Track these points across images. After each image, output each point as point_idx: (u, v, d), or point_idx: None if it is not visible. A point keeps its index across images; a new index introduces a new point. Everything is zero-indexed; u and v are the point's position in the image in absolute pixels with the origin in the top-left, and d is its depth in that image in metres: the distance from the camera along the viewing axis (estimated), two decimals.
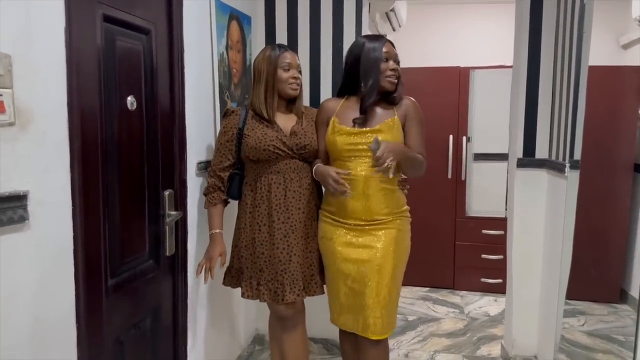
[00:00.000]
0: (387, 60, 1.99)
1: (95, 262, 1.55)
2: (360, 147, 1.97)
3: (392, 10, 3.51)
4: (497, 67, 4.05)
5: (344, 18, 2.76)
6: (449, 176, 4.05)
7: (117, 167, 1.67)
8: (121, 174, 1.69)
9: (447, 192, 4.07)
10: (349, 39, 2.75)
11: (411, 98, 2.07)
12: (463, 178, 4.06)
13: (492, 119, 4.03)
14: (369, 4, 2.97)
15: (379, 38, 2.05)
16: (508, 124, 4.10)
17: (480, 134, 4.07)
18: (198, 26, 2.16)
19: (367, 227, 2.00)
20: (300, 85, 2.12)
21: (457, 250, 4.12)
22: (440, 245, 4.12)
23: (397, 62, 2.04)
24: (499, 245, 3.95)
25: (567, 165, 2.30)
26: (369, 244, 1.99)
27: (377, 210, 1.98)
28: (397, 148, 1.89)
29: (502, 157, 4.02)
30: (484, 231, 4.06)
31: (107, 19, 1.59)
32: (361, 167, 1.97)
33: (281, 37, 2.83)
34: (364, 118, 2.00)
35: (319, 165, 2.05)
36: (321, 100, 2.76)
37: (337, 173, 1.94)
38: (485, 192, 4.12)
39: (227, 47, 2.38)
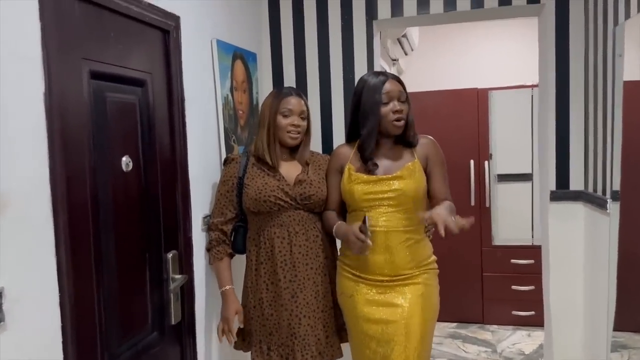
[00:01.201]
0: (387, 102, 1.81)
1: (90, 350, 1.37)
2: (381, 196, 1.80)
3: (404, 35, 3.35)
4: (517, 87, 3.87)
5: (354, 48, 2.60)
6: (472, 203, 3.84)
7: (113, 236, 1.50)
8: (117, 243, 1.52)
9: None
10: (360, 70, 2.59)
11: (429, 137, 1.91)
12: (487, 205, 3.84)
13: (514, 140, 3.85)
14: (380, 32, 2.81)
15: (379, 75, 1.86)
16: (530, 144, 3.99)
17: (502, 155, 3.87)
18: (199, 70, 2.01)
19: (391, 283, 1.81)
20: (303, 132, 1.96)
21: (485, 282, 3.89)
22: (468, 278, 3.88)
23: (404, 101, 1.84)
24: (530, 275, 3.73)
25: (609, 200, 2.09)
26: (394, 301, 1.79)
27: (401, 264, 1.79)
28: (445, 210, 1.68)
29: (525, 177, 3.85)
30: (512, 261, 3.82)
31: (95, 75, 1.44)
32: (382, 218, 1.78)
33: (289, 72, 2.67)
34: (374, 165, 1.84)
35: (340, 224, 1.87)
36: (334, 141, 2.62)
37: (361, 227, 1.73)
38: (511, 217, 3.90)
39: (231, 89, 2.23)
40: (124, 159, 1.55)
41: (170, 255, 1.77)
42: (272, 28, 2.67)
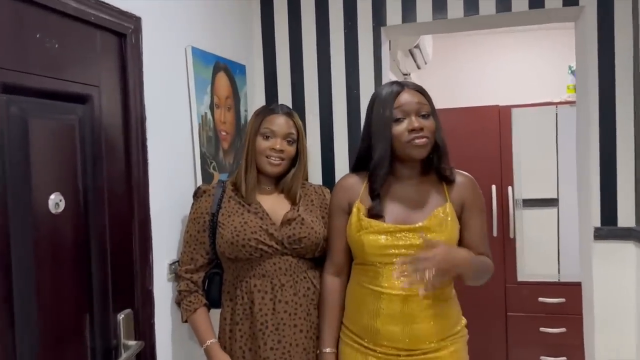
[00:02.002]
0: (401, 119, 1.39)
1: None
2: (399, 251, 1.38)
3: (417, 46, 2.99)
4: (544, 104, 3.48)
5: (359, 59, 2.24)
6: (495, 234, 3.42)
7: (34, 298, 1.14)
8: (41, 306, 1.15)
9: (494, 253, 3.38)
10: (366, 85, 2.23)
11: (467, 174, 1.49)
12: (512, 235, 3.42)
13: (539, 162, 3.45)
14: (389, 41, 2.46)
15: (393, 85, 1.45)
16: (555, 166, 3.61)
17: (527, 179, 3.47)
18: (168, 84, 1.66)
19: (409, 358, 1.40)
20: (288, 159, 1.59)
21: (509, 323, 3.44)
22: (490, 318, 3.44)
23: (426, 116, 1.41)
24: (560, 315, 3.30)
25: None
26: None
27: (424, 336, 1.39)
28: (451, 256, 1.30)
29: (550, 203, 3.45)
30: (540, 299, 3.38)
31: (10, 88, 1.09)
32: (400, 280, 1.38)
33: (283, 87, 2.32)
34: (378, 206, 1.42)
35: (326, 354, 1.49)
36: (336, 170, 2.24)
37: None
38: (537, 249, 3.47)
39: (211, 106, 1.88)
40: (52, 197, 1.19)
41: (122, 315, 1.40)
42: (265, 36, 2.33)
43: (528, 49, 4.11)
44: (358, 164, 1.52)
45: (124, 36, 1.45)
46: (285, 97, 2.31)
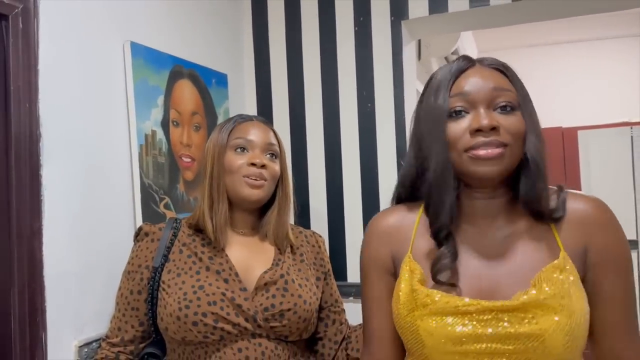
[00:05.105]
0: (462, 112, 0.80)
1: None
2: (485, 346, 0.76)
3: (455, 52, 2.44)
4: (618, 124, 2.91)
5: (374, 63, 1.72)
6: None
7: None
8: None
9: None
10: (384, 97, 1.72)
11: (590, 197, 0.85)
12: None
13: (614, 197, 2.80)
14: (418, 44, 1.93)
15: (458, 60, 0.87)
16: (633, 201, 2.96)
17: None
18: (88, 90, 1.21)
19: None
20: (272, 180, 1.12)
21: None
22: None
23: (509, 108, 0.80)
24: None
25: None
26: None
27: None
28: None
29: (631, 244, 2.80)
30: None
31: None
32: None
33: (280, 100, 1.83)
34: (449, 262, 0.79)
35: None
36: (345, 214, 1.71)
37: None
38: None
39: (165, 122, 1.41)
40: None
41: None
42: (257, 38, 1.86)
43: (595, 60, 3.56)
44: (405, 192, 0.91)
45: (6, 19, 1.01)
46: (280, 114, 1.82)
